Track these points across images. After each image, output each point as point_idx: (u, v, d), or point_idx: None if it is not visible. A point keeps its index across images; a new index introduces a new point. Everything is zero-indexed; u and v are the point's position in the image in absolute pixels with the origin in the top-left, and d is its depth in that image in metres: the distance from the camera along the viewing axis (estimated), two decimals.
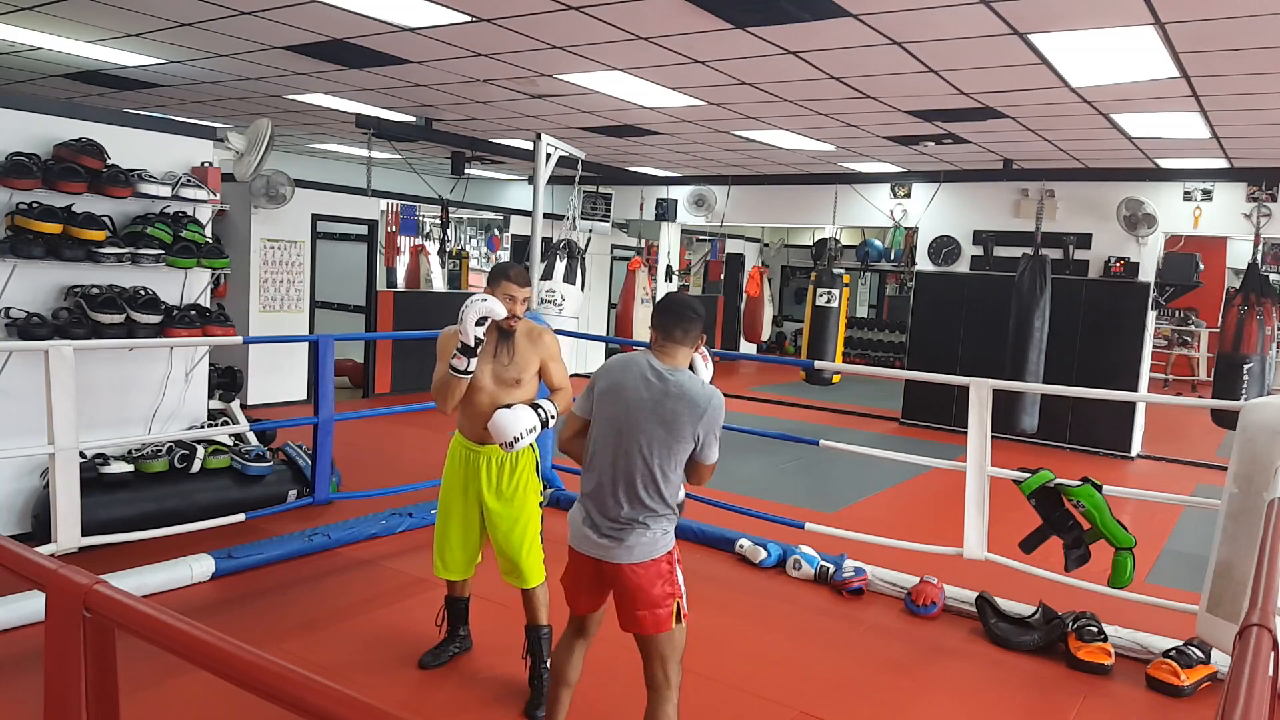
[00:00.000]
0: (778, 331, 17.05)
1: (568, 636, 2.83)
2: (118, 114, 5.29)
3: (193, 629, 1.39)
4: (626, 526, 2.56)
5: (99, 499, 4.49)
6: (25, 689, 3.07)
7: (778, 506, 6.06)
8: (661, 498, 2.57)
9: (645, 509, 2.56)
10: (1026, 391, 8.29)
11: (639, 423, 2.55)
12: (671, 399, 2.54)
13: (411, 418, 7.66)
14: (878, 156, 9.27)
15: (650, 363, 2.61)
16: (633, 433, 2.55)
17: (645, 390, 2.56)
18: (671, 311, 2.66)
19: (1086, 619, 4.07)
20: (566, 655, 2.82)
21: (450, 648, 3.67)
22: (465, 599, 3.67)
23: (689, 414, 2.53)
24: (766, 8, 4.53)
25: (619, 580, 2.59)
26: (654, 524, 2.57)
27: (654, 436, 2.53)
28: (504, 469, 3.33)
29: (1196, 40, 4.59)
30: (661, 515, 2.59)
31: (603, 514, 2.59)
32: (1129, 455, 9.02)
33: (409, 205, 10.82)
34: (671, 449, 2.55)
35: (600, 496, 2.60)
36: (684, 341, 2.63)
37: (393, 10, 5.07)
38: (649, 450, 2.54)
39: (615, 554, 2.55)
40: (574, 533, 2.68)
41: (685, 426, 2.54)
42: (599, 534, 2.58)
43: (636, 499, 2.55)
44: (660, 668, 2.60)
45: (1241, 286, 7.78)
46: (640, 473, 2.55)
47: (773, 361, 15.50)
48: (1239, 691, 1.23)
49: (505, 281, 3.22)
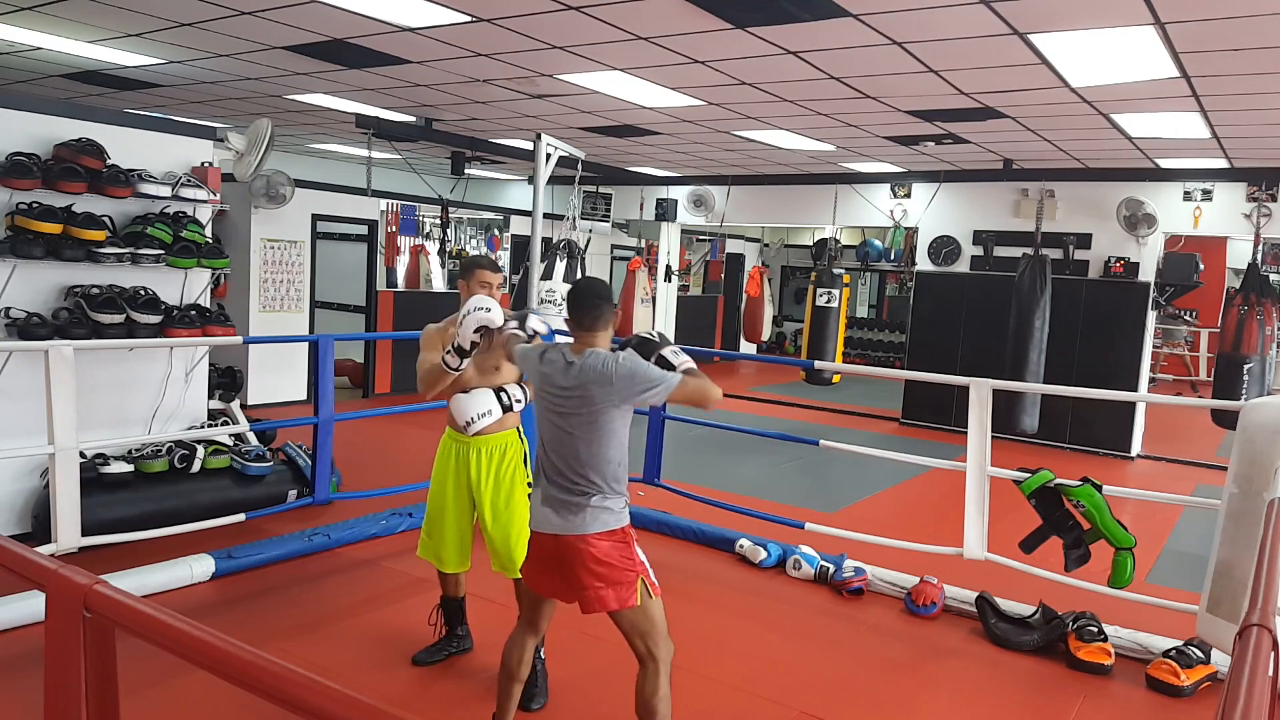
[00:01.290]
0: (778, 331, 17.05)
1: (519, 633, 2.87)
2: (118, 114, 5.29)
3: (193, 629, 1.39)
4: (578, 504, 2.65)
5: (99, 499, 4.49)
6: (25, 689, 3.07)
7: (778, 506, 6.06)
8: (602, 476, 2.65)
9: (590, 488, 2.65)
10: (1026, 391, 8.29)
11: (565, 412, 2.66)
12: (580, 384, 2.63)
13: (411, 418, 7.65)
14: (878, 156, 9.27)
15: (564, 355, 2.70)
16: (562, 422, 2.67)
17: (561, 382, 2.66)
18: (581, 302, 2.73)
19: (1086, 619, 4.07)
20: (518, 651, 2.85)
21: (448, 647, 3.67)
22: (460, 598, 3.68)
23: (599, 389, 2.61)
24: (766, 8, 4.53)
25: (576, 556, 2.63)
26: (602, 501, 2.65)
27: (578, 422, 2.64)
28: (493, 460, 3.41)
29: (1196, 40, 4.59)
30: (607, 493, 2.66)
31: (555, 496, 2.68)
32: (1129, 455, 9.02)
33: (409, 205, 10.83)
34: (598, 428, 2.63)
35: (550, 480, 2.70)
36: (596, 329, 2.71)
37: (393, 10, 5.07)
38: (576, 436, 2.65)
39: (570, 527, 2.64)
40: (534, 515, 2.76)
41: (600, 401, 2.62)
42: (556, 513, 2.67)
43: (581, 479, 2.65)
44: (640, 641, 2.67)
45: (1241, 286, 7.78)
46: (576, 455, 2.65)
47: (773, 361, 15.50)
48: (1239, 691, 1.23)
49: (479, 270, 3.41)
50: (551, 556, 2.70)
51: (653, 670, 2.66)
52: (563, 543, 2.65)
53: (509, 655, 2.86)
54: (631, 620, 2.65)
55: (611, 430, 2.65)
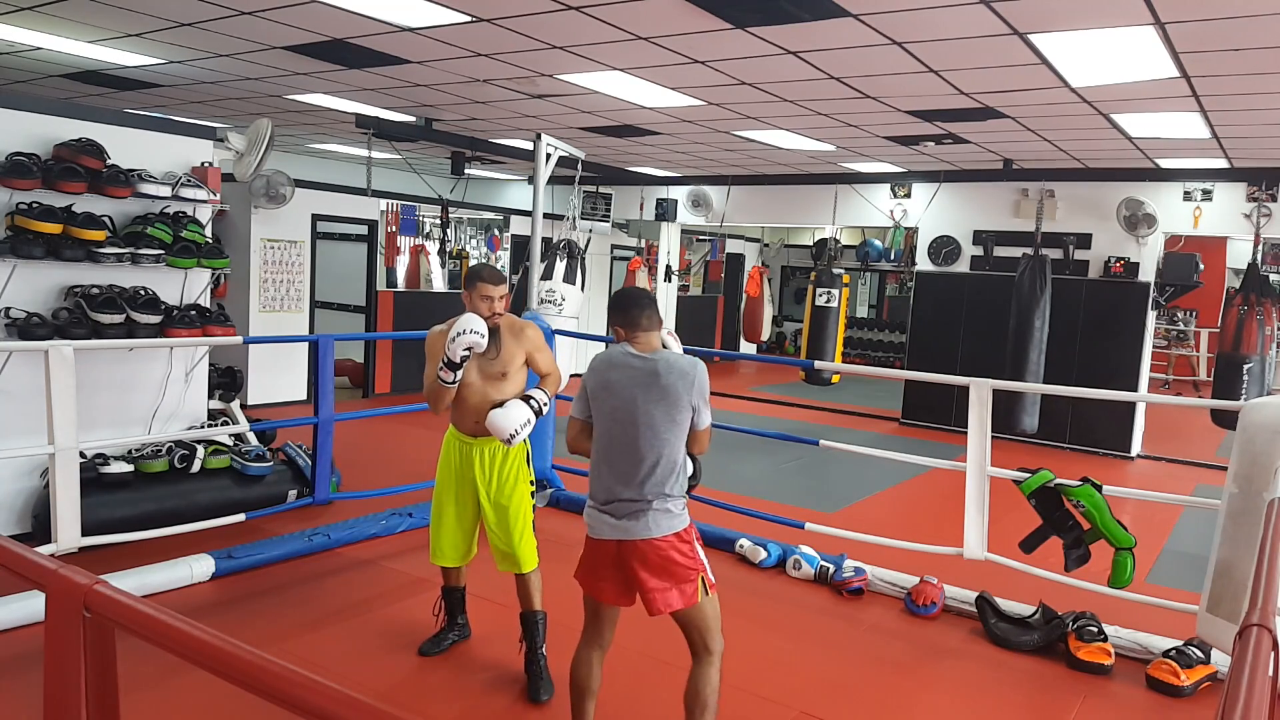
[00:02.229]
0: (778, 331, 17.05)
1: (585, 648, 2.87)
2: (118, 114, 5.29)
3: (193, 629, 1.39)
4: (642, 507, 2.68)
5: (99, 499, 4.49)
6: (25, 689, 3.07)
7: (778, 506, 6.06)
8: (668, 476, 2.71)
9: (657, 489, 2.69)
10: (1026, 391, 8.29)
11: (639, 407, 2.69)
12: (662, 375, 2.69)
13: (411, 418, 7.65)
14: (878, 156, 9.27)
15: (629, 351, 2.77)
16: (635, 419, 2.69)
17: (636, 375, 2.72)
18: (631, 305, 2.83)
19: (1086, 619, 4.07)
20: (586, 668, 2.85)
21: (449, 635, 3.77)
22: (461, 588, 3.78)
23: (682, 384, 2.70)
24: (766, 8, 4.53)
25: (642, 559, 2.68)
26: (667, 503, 2.71)
27: (655, 416, 2.69)
28: (496, 460, 3.47)
29: (1196, 40, 4.59)
30: (672, 495, 2.72)
31: (618, 499, 2.71)
32: (1129, 455, 9.02)
33: (409, 205, 10.82)
34: (674, 421, 2.71)
35: (613, 484, 2.72)
36: (650, 327, 2.82)
37: (393, 10, 5.07)
38: (653, 431, 2.69)
39: (635, 531, 2.68)
40: (593, 523, 2.78)
41: (681, 396, 2.70)
42: (616, 518, 2.70)
43: (650, 479, 2.68)
44: (699, 637, 2.74)
45: (1241, 286, 7.78)
46: (650, 453, 2.68)
47: (773, 361, 15.50)
48: (1239, 691, 1.23)
49: (480, 283, 3.38)
50: (613, 562, 2.73)
51: (707, 663, 2.73)
52: (626, 547, 2.69)
53: (577, 672, 2.85)
54: (691, 617, 2.72)
55: (682, 428, 2.73)
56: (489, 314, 3.35)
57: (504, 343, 3.43)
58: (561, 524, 5.58)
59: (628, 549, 2.69)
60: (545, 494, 5.96)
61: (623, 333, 2.82)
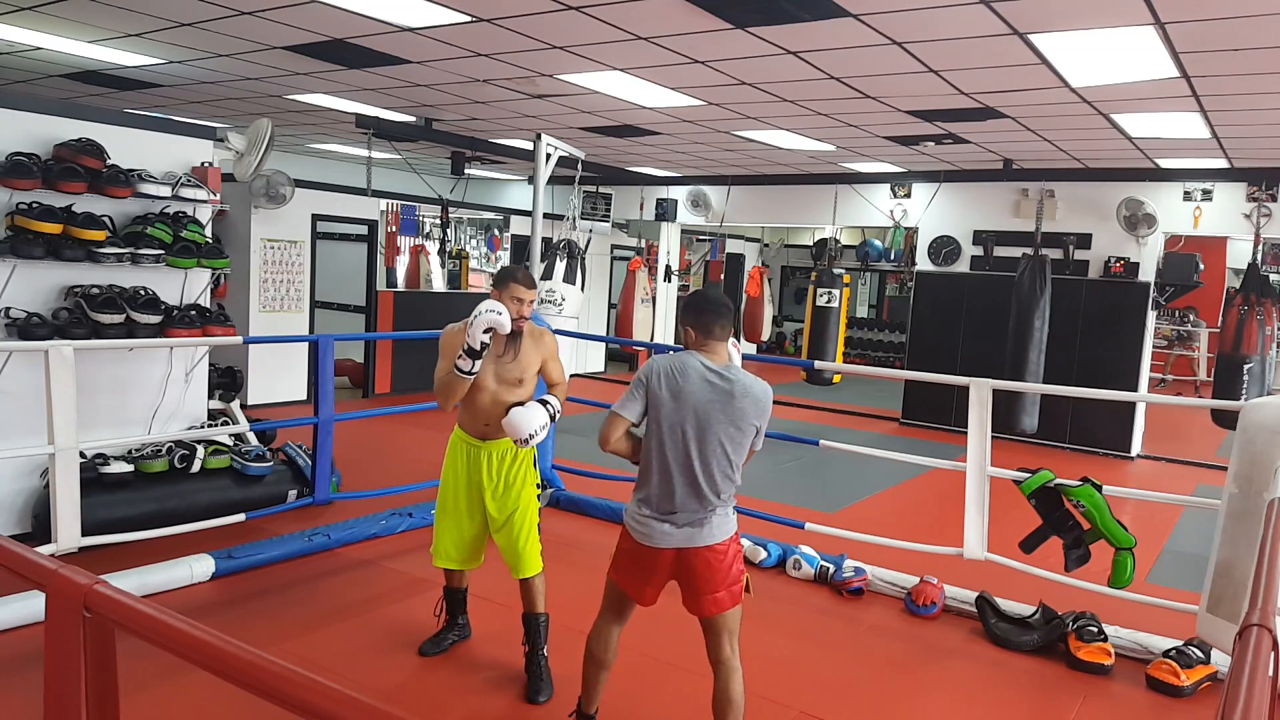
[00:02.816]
0: (778, 331, 17.04)
1: (607, 625, 2.94)
2: (118, 114, 5.29)
3: (193, 629, 1.39)
4: (706, 516, 2.74)
5: (99, 499, 4.49)
6: (25, 689, 3.07)
7: (778, 506, 6.05)
8: (730, 484, 2.79)
9: (721, 497, 2.77)
10: (1026, 391, 8.29)
11: (713, 425, 2.72)
12: (738, 398, 2.74)
13: (411, 418, 7.65)
14: (878, 156, 9.27)
15: (705, 364, 2.76)
16: (708, 434, 2.72)
17: (711, 392, 2.73)
18: (709, 310, 2.82)
19: (1086, 619, 4.07)
20: (605, 641, 2.94)
21: (449, 635, 3.77)
22: (464, 589, 3.78)
23: (754, 410, 2.77)
24: (766, 8, 4.53)
25: (704, 566, 2.74)
26: (725, 509, 2.80)
27: (727, 434, 2.74)
28: (504, 463, 3.44)
29: (1196, 40, 4.59)
30: (731, 500, 2.82)
31: (680, 508, 2.73)
32: (1129, 455, 9.02)
33: (409, 205, 10.82)
34: (741, 443, 2.78)
35: (678, 493, 2.73)
36: (723, 337, 2.83)
37: (393, 10, 5.07)
38: (724, 446, 2.74)
39: (699, 538, 2.73)
40: (643, 530, 2.78)
41: (752, 421, 2.78)
42: (677, 526, 2.74)
43: (714, 490, 2.74)
44: (729, 642, 2.80)
45: (1241, 286, 7.78)
46: (717, 467, 2.74)
47: (773, 361, 15.49)
48: (1239, 691, 1.23)
49: (513, 284, 3.34)
50: (669, 568, 2.78)
51: (733, 666, 2.79)
52: (687, 554, 2.74)
53: (595, 645, 2.94)
54: (728, 621, 2.78)
55: (746, 446, 2.80)
56: (516, 316, 3.31)
57: (524, 348, 3.40)
58: (562, 524, 5.59)
59: (690, 555, 2.74)
60: (546, 494, 5.96)
61: (694, 335, 2.82)
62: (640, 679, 3.56)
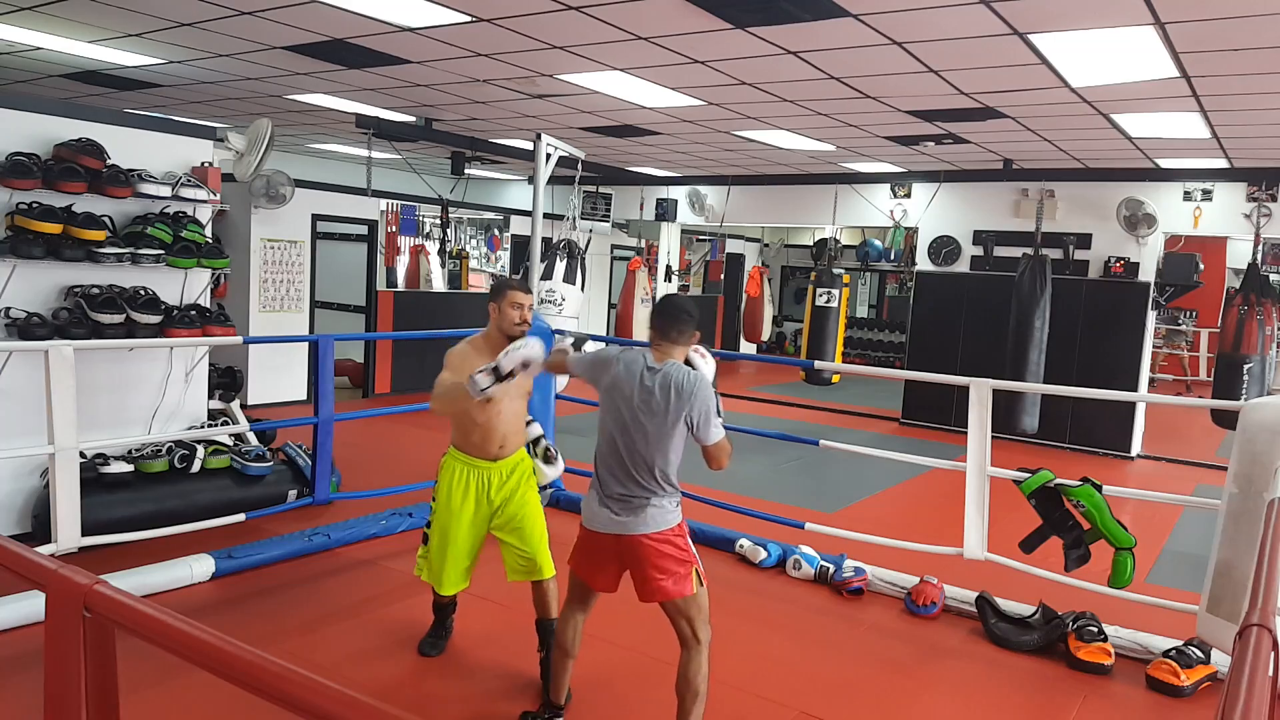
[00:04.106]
0: (778, 331, 17.04)
1: (571, 613, 3.04)
2: (118, 114, 5.29)
3: (193, 629, 1.39)
4: (638, 504, 2.82)
5: (99, 499, 4.49)
6: (25, 689, 3.07)
7: (778, 506, 6.05)
8: (665, 479, 2.83)
9: (652, 489, 2.82)
10: (1026, 391, 8.29)
11: (635, 416, 2.82)
12: (659, 390, 2.81)
13: (411, 418, 7.64)
14: (878, 156, 9.27)
15: (647, 361, 2.88)
16: (631, 426, 2.83)
17: (639, 387, 2.83)
18: (667, 314, 2.94)
19: (1086, 619, 4.07)
20: (572, 630, 3.04)
21: (442, 631, 3.77)
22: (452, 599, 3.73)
23: (677, 401, 2.79)
24: (766, 8, 4.53)
25: (638, 552, 2.82)
26: (661, 500, 2.84)
27: (647, 428, 2.81)
28: (510, 475, 3.47)
29: (1196, 40, 4.59)
30: (665, 493, 2.85)
31: (615, 496, 2.84)
32: (1129, 455, 9.02)
33: (409, 205, 10.82)
34: (667, 434, 2.81)
35: (610, 481, 2.86)
36: (679, 341, 2.92)
37: (393, 10, 5.07)
38: (646, 440, 2.81)
39: (633, 527, 2.81)
40: (590, 514, 2.92)
41: (672, 413, 2.80)
42: (614, 513, 2.83)
43: (644, 479, 2.82)
44: (688, 626, 2.85)
45: (1241, 286, 7.78)
46: (643, 459, 2.81)
47: (773, 361, 15.49)
48: (1239, 691, 1.23)
49: (510, 291, 3.39)
50: (610, 553, 2.88)
51: (696, 651, 2.85)
52: (625, 541, 2.83)
53: (562, 634, 3.05)
54: (684, 607, 2.84)
55: (678, 435, 2.83)
56: (519, 321, 3.35)
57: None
58: (561, 524, 5.56)
59: (627, 542, 2.83)
60: (545, 494, 5.95)
61: (653, 335, 2.94)
62: (634, 676, 3.55)
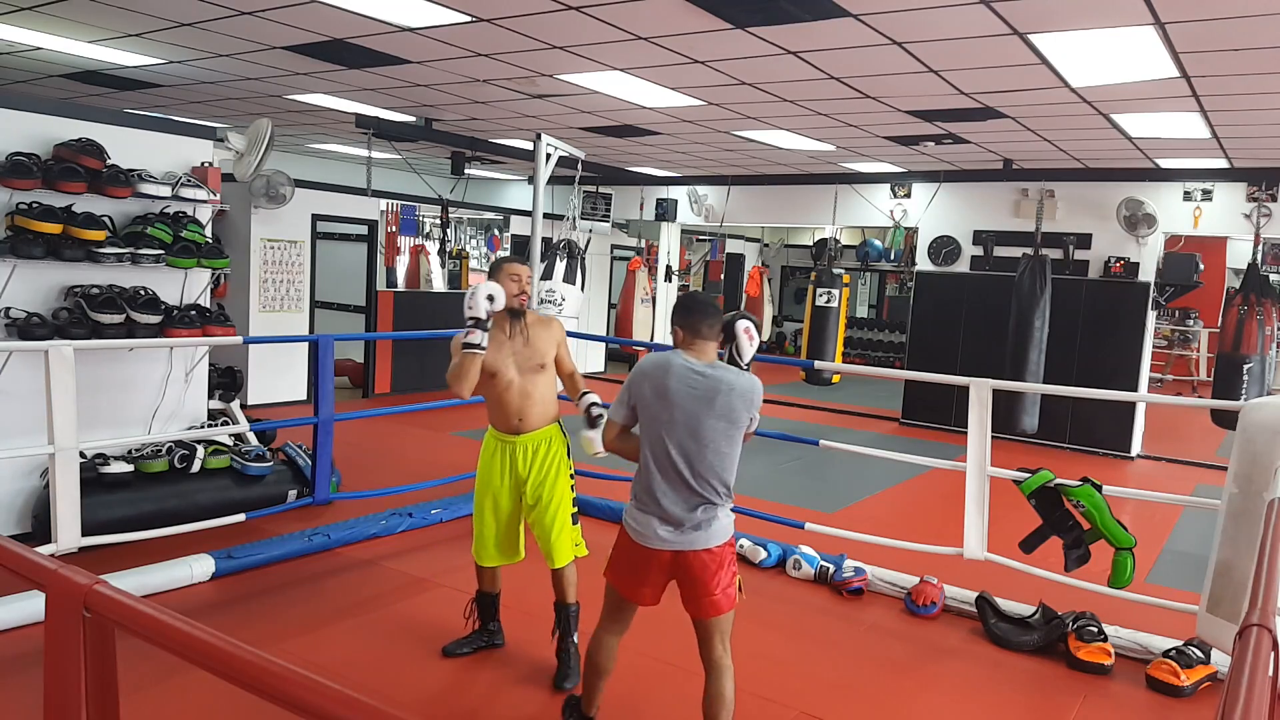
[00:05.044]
0: (778, 331, 17.04)
1: (608, 635, 2.95)
2: (118, 114, 5.29)
3: (193, 629, 1.39)
4: (705, 516, 2.73)
5: (99, 499, 4.49)
6: (25, 689, 3.07)
7: (778, 506, 6.05)
8: (728, 484, 2.78)
9: (718, 496, 2.75)
10: (1026, 391, 8.28)
11: (702, 423, 2.72)
12: (723, 394, 2.73)
13: (411, 418, 7.65)
14: (878, 156, 9.27)
15: (687, 363, 2.77)
16: (699, 434, 2.72)
17: (696, 389, 2.73)
18: (696, 310, 2.85)
19: (1086, 619, 4.07)
20: (606, 650, 2.95)
21: (479, 640, 3.72)
22: (496, 594, 3.73)
23: (742, 403, 2.75)
24: (766, 8, 4.53)
25: (702, 568, 2.73)
26: (724, 511, 2.79)
27: (717, 430, 2.72)
28: (538, 455, 3.48)
29: (1196, 40, 4.59)
30: (728, 500, 2.80)
31: (678, 509, 2.73)
32: (1129, 455, 9.02)
33: (409, 205, 10.82)
34: (732, 437, 2.76)
35: (673, 494, 2.73)
36: (711, 337, 2.85)
37: (393, 10, 5.07)
38: (715, 443, 2.73)
39: (698, 541, 2.72)
40: (643, 531, 2.78)
41: (742, 415, 2.76)
42: (679, 529, 2.73)
43: (706, 487, 2.73)
44: (721, 644, 2.79)
45: (1241, 286, 7.78)
46: (711, 464, 2.73)
47: (773, 361, 15.48)
48: (1239, 691, 1.23)
49: (506, 265, 3.42)
50: (665, 569, 2.77)
51: (725, 665, 2.78)
52: (685, 557, 2.73)
53: (597, 655, 2.95)
54: (722, 624, 2.77)
55: (739, 442, 2.79)
56: (516, 293, 3.38)
57: (534, 332, 3.45)
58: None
59: (687, 558, 2.73)
60: None
61: (681, 335, 2.84)
62: (640, 679, 3.55)
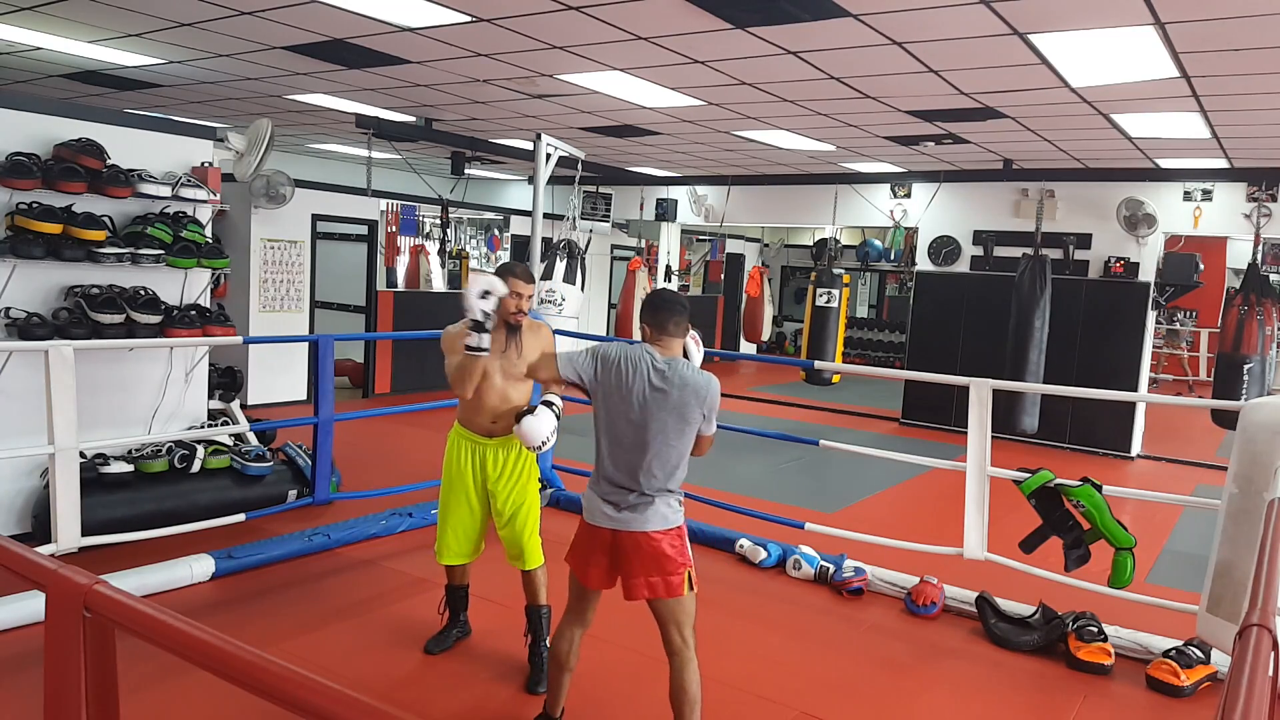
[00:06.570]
0: (778, 331, 17.04)
1: (568, 626, 3.01)
2: (118, 114, 5.29)
3: (193, 629, 1.39)
4: (644, 502, 2.81)
5: (99, 499, 4.49)
6: (25, 689, 3.07)
7: (778, 506, 6.05)
8: (669, 476, 2.84)
9: (660, 488, 2.82)
10: (1026, 391, 8.28)
11: (652, 414, 2.80)
12: (677, 390, 2.80)
13: (411, 418, 7.65)
14: (878, 156, 9.27)
15: (653, 358, 2.85)
16: (648, 423, 2.80)
17: (654, 385, 2.81)
18: (662, 308, 2.93)
19: (1086, 619, 4.07)
20: (567, 644, 3.00)
21: (453, 632, 3.81)
22: (465, 586, 3.82)
23: (695, 401, 2.82)
24: (766, 8, 4.53)
25: (635, 549, 2.80)
26: (668, 499, 2.84)
27: (667, 425, 2.80)
28: (508, 459, 3.50)
29: (1196, 40, 4.59)
30: (673, 493, 2.86)
31: (621, 492, 2.82)
32: (1129, 455, 9.02)
33: (409, 205, 10.82)
34: (683, 433, 2.84)
35: (618, 478, 2.83)
36: (676, 334, 2.93)
37: (393, 10, 5.07)
38: (664, 438, 2.80)
39: (633, 524, 2.80)
40: (590, 508, 2.89)
41: (694, 411, 2.83)
42: (617, 509, 2.81)
43: (653, 477, 2.81)
44: (676, 632, 2.85)
45: (1241, 286, 7.78)
46: (656, 457, 2.80)
47: (773, 361, 15.50)
48: (1239, 691, 1.23)
49: (512, 278, 3.39)
50: (607, 548, 2.85)
51: (686, 658, 2.84)
52: (622, 536, 2.81)
53: (559, 648, 3.01)
54: (673, 610, 2.83)
55: (690, 436, 2.86)
56: (515, 310, 3.37)
57: (526, 344, 3.45)
58: (562, 524, 5.56)
59: (624, 538, 2.81)
60: (545, 494, 5.96)
61: (649, 331, 2.91)
62: (633, 675, 3.55)
